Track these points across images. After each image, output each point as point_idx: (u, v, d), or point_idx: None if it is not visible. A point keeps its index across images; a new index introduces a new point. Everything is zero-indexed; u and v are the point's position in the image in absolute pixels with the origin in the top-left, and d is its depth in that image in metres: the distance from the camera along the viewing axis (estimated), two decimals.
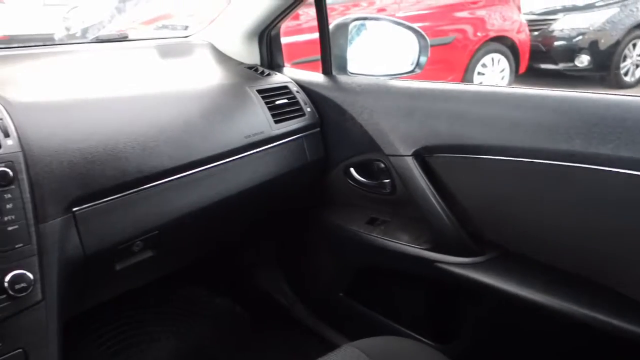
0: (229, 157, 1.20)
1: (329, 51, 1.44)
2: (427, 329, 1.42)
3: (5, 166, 0.83)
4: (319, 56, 1.49)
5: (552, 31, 6.06)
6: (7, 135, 0.86)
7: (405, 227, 1.36)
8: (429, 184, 1.23)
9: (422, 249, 1.29)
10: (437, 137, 1.21)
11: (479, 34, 5.30)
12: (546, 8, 6.33)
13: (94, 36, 1.51)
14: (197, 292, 1.89)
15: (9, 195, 0.83)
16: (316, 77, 1.48)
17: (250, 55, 1.57)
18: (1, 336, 0.84)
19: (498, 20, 5.45)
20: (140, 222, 1.06)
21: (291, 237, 1.77)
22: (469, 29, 5.25)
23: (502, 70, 5.61)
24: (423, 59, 1.47)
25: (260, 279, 1.89)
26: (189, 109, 1.18)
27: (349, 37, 1.47)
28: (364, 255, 1.46)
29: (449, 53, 5.11)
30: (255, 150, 1.27)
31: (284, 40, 1.64)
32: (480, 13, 5.36)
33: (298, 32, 4.00)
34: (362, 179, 1.41)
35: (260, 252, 1.89)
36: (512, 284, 1.15)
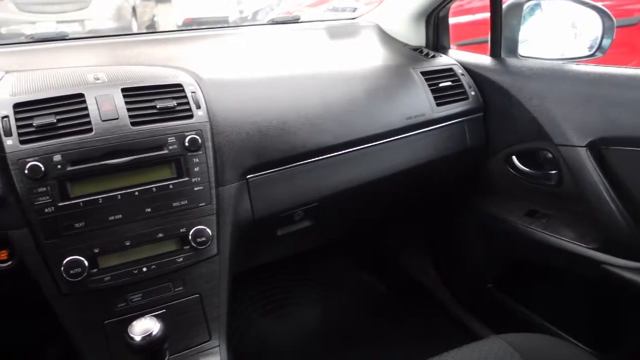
0: (389, 137, 1.23)
1: (499, 32, 1.37)
2: (583, 333, 1.32)
3: (195, 134, 0.95)
4: (483, 38, 1.44)
5: None
6: (198, 106, 0.98)
7: (570, 223, 1.27)
8: (603, 178, 1.13)
9: (588, 248, 1.19)
10: (618, 128, 1.10)
11: None
12: None
13: (269, 19, 1.62)
14: (345, 266, 1.97)
15: (197, 160, 0.95)
16: (483, 60, 1.42)
17: (416, 36, 1.56)
18: (184, 281, 0.97)
19: None
20: (302, 193, 1.13)
21: (442, 221, 1.75)
22: None
23: None
24: (606, 42, 1.33)
25: (406, 260, 1.90)
26: (355, 88, 1.22)
27: (522, 17, 1.39)
28: (520, 248, 1.39)
29: (634, 35, 4.52)
30: (415, 132, 1.27)
31: None
32: None
33: (459, 14, 3.85)
34: (525, 169, 1.34)
35: (409, 233, 1.90)
36: None
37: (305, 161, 1.11)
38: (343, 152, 1.16)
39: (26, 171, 0.83)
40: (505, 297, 1.52)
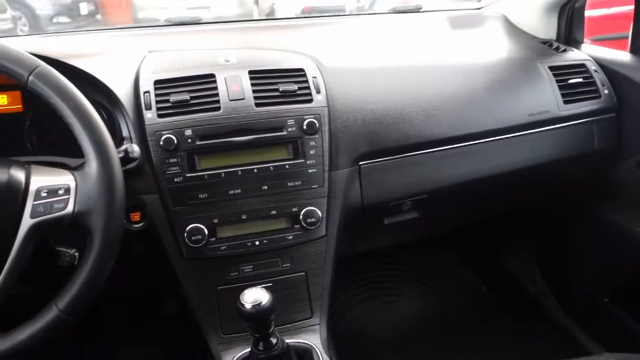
0: (508, 134, 1.18)
1: None
2: None
3: (314, 118, 0.98)
4: (620, 33, 1.32)
5: None
6: (318, 91, 1.01)
7: None
8: None
9: None
10: None
11: None
12: None
13: (390, 8, 1.61)
14: (447, 262, 1.92)
15: (313, 143, 0.98)
16: (621, 56, 1.31)
17: (546, 29, 1.47)
18: (291, 258, 1.02)
19: None
20: (413, 184, 1.13)
21: (556, 225, 1.64)
22: None
23: None
24: None
25: (512, 262, 1.82)
26: (475, 81, 1.19)
27: None
28: None
29: None
30: (537, 130, 1.21)
31: None
32: None
33: (592, 7, 3.56)
34: None
35: (518, 234, 1.81)
36: None
37: (419, 152, 1.11)
38: (458, 145, 1.14)
39: (161, 143, 0.91)
40: (622, 313, 1.41)
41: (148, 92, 0.95)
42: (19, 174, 0.73)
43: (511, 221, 1.77)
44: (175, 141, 0.91)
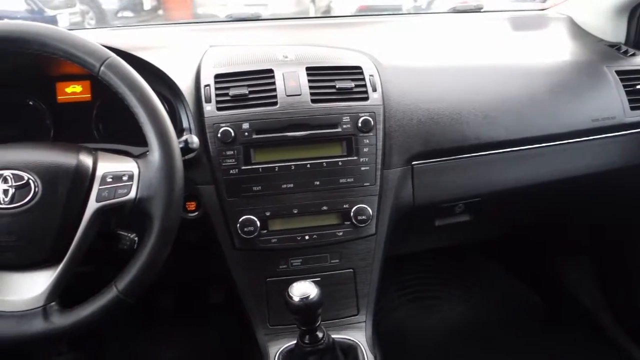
0: (569, 139, 1.14)
1: None
2: None
3: (369, 116, 0.98)
4: None
5: None
6: (374, 90, 1.01)
7: None
8: None
9: None
10: None
11: None
12: None
13: (450, 7, 1.58)
14: (496, 268, 1.88)
15: (367, 141, 0.99)
16: None
17: (614, 32, 1.40)
18: (340, 255, 1.02)
19: None
20: (466, 186, 1.11)
21: (617, 236, 1.57)
22: None
23: None
24: None
25: (565, 273, 1.75)
26: (536, 83, 1.16)
27: None
28: None
29: None
30: (601, 136, 1.16)
31: None
32: None
33: None
34: None
35: (573, 243, 1.74)
36: None
37: (475, 154, 1.09)
38: (516, 149, 1.11)
39: (219, 135, 0.93)
40: None
41: (208, 85, 0.97)
42: (87, 160, 0.77)
43: (568, 229, 1.71)
44: (233, 134, 0.94)
